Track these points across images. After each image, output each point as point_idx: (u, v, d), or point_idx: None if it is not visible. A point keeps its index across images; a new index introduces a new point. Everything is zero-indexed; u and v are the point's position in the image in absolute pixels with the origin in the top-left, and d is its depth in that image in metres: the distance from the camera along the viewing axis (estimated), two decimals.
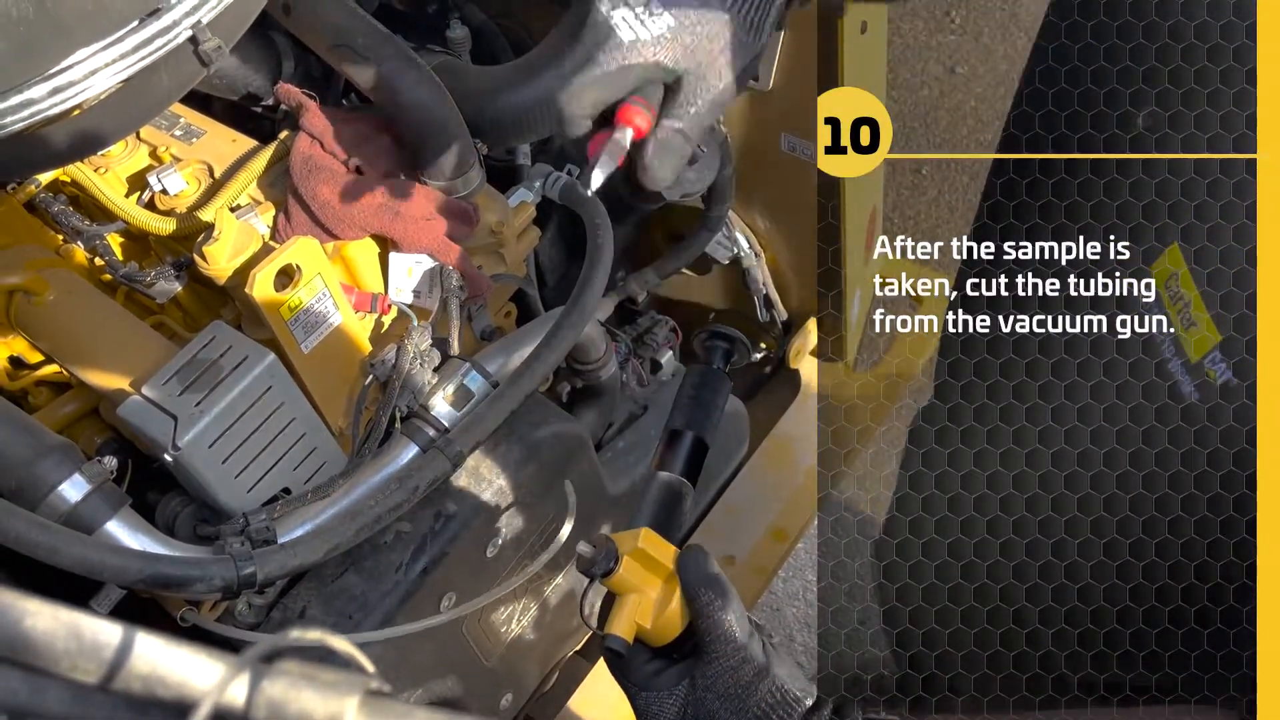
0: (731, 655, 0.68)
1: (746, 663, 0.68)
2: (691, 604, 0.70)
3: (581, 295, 1.03)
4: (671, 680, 0.69)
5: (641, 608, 0.72)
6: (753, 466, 1.53)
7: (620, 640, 0.71)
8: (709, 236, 1.48)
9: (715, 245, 1.52)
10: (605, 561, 0.72)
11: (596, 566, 0.72)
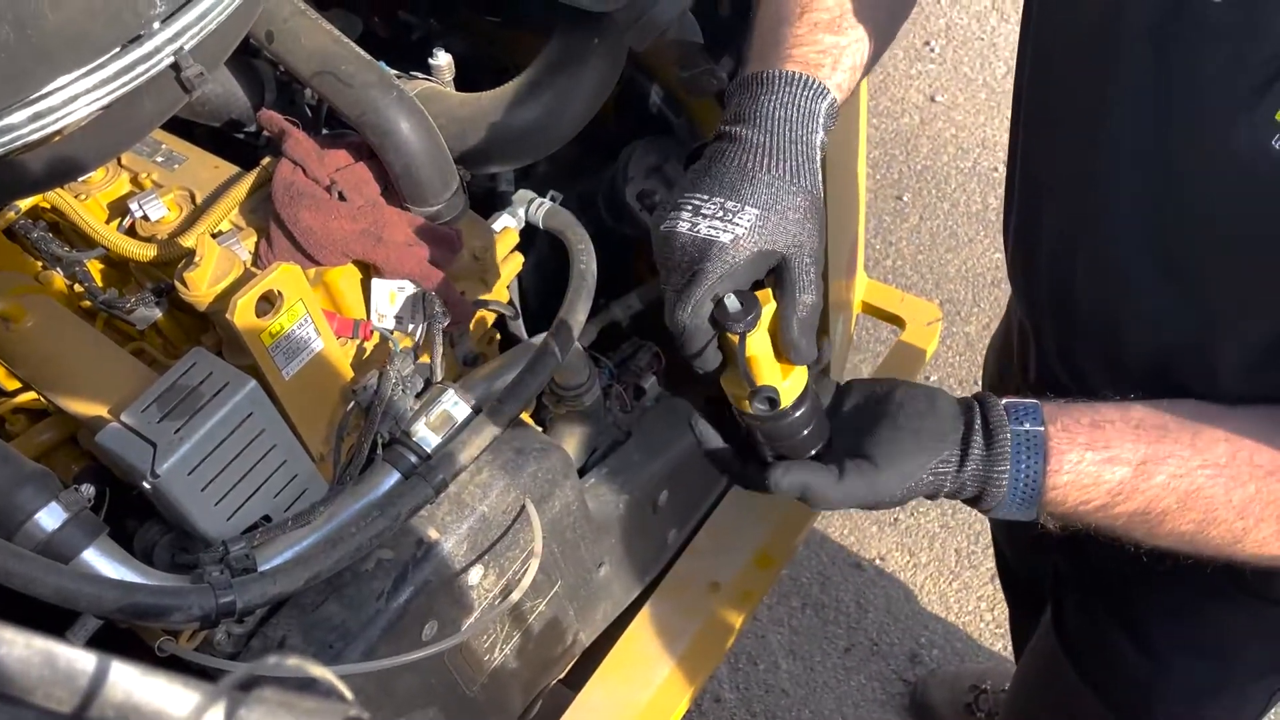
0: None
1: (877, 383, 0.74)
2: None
3: (564, 321, 1.03)
4: (813, 414, 0.72)
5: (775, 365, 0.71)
6: (737, 492, 1.53)
7: (774, 389, 0.70)
8: None
9: None
10: (751, 322, 0.68)
11: (740, 323, 0.68)
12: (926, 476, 0.70)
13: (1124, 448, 0.70)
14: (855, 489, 0.70)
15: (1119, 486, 0.70)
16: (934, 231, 2.70)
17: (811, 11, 0.77)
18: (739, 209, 0.68)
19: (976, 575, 2.16)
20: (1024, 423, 0.71)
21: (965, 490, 0.71)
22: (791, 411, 0.71)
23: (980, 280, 2.60)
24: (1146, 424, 0.71)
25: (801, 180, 0.70)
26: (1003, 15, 3.11)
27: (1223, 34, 0.66)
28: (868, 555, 2.21)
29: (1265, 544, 0.70)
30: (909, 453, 0.70)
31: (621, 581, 1.35)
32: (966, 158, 2.83)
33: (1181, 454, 0.70)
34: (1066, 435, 0.70)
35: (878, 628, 2.12)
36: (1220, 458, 0.69)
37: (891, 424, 0.71)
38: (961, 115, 2.92)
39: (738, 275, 0.67)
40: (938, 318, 1.84)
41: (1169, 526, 0.71)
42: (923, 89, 3.00)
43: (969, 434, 0.70)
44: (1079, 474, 0.70)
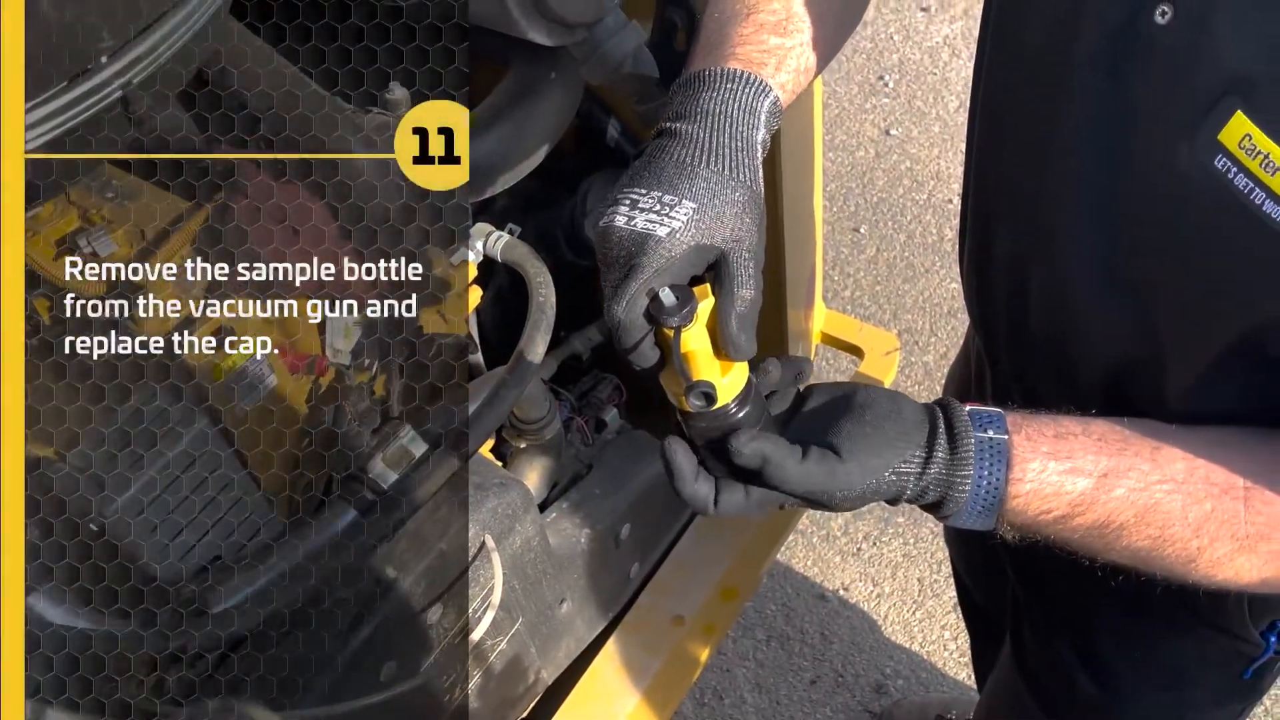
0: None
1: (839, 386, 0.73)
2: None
3: (524, 354, 1.02)
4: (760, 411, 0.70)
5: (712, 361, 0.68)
6: (701, 523, 1.53)
7: (709, 384, 0.67)
8: None
9: None
10: (686, 315, 0.66)
11: (674, 317, 0.66)
12: (889, 475, 0.68)
13: (1086, 459, 0.70)
14: (815, 474, 0.67)
15: (1080, 497, 0.69)
16: (891, 262, 2.73)
17: (758, 13, 0.77)
18: (676, 203, 0.67)
19: (940, 604, 2.17)
20: (987, 430, 0.70)
21: (927, 495, 0.70)
22: (732, 410, 0.68)
23: (937, 310, 2.63)
24: (1108, 437, 0.71)
25: (741, 175, 0.69)
26: (954, 51, 3.17)
27: (1169, 57, 0.68)
28: (831, 586, 2.21)
29: (1219, 564, 0.70)
30: (875, 449, 0.68)
31: (584, 618, 1.34)
32: (921, 190, 2.87)
33: (1141, 468, 0.70)
34: (1030, 444, 0.70)
35: (843, 659, 2.12)
36: (1179, 474, 0.70)
37: (857, 420, 0.69)
38: (916, 148, 2.96)
39: (674, 269, 0.66)
40: (896, 347, 1.85)
41: (1126, 541, 0.70)
42: (877, 123, 3.04)
43: (933, 437, 0.69)
44: (1041, 483, 0.69)
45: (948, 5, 3.27)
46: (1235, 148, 0.64)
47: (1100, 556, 0.73)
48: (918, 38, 3.22)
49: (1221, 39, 0.65)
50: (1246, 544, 0.69)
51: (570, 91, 1.17)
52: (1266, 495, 0.69)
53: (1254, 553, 0.70)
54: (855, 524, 2.27)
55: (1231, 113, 0.64)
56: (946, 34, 3.20)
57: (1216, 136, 0.65)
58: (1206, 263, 0.70)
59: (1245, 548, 0.70)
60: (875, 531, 2.26)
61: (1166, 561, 0.71)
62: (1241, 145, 0.64)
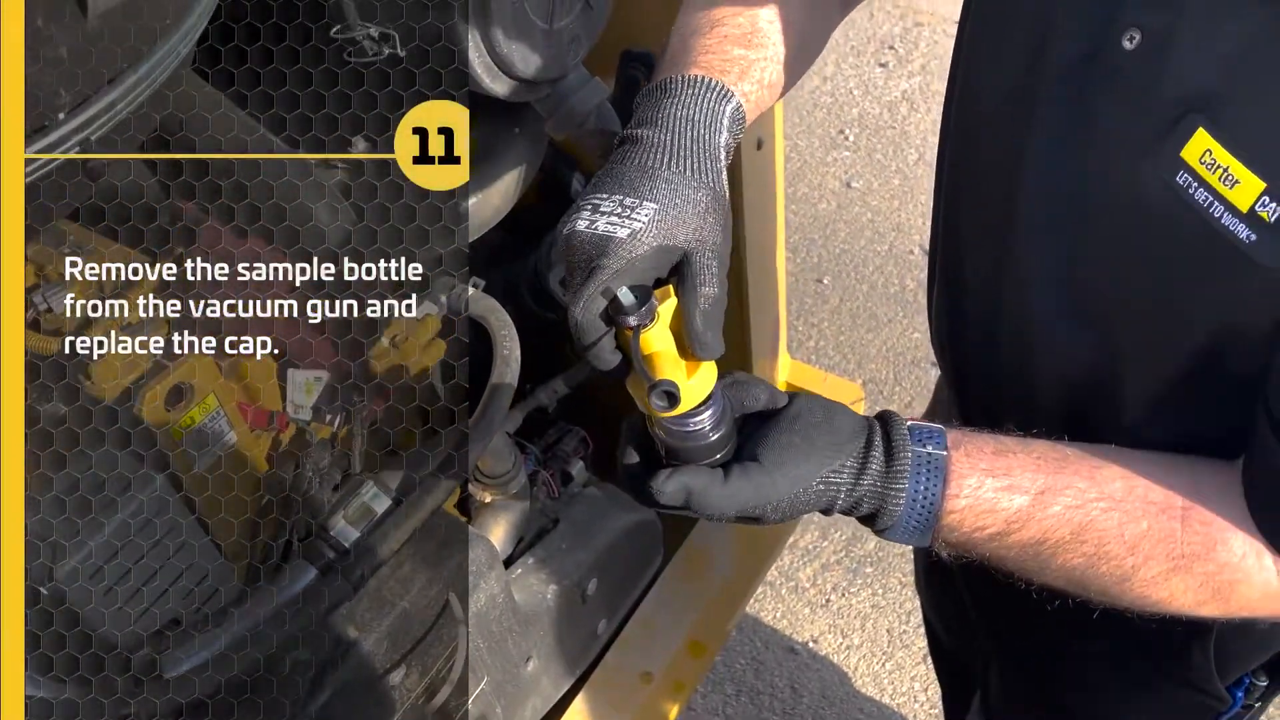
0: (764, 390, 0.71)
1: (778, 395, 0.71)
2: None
3: (488, 407, 1.01)
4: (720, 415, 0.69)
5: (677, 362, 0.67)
6: (667, 578, 1.51)
7: (673, 384, 0.65)
8: None
9: None
10: (645, 314, 0.65)
11: (632, 315, 0.65)
12: (818, 484, 0.67)
13: (1024, 476, 0.70)
14: (740, 492, 0.66)
15: (1016, 514, 0.69)
16: (854, 313, 2.76)
17: (722, 26, 0.78)
18: (637, 204, 0.67)
19: (909, 655, 2.16)
20: (926, 445, 0.69)
21: (861, 506, 0.69)
22: (698, 412, 0.67)
23: (901, 359, 2.65)
24: (1047, 455, 0.71)
25: (703, 177, 0.69)
26: (913, 105, 3.23)
27: (1133, 79, 0.69)
28: (800, 638, 2.20)
29: (1153, 583, 0.70)
30: (800, 458, 0.67)
31: (550, 675, 1.32)
32: (883, 241, 2.91)
33: (1079, 485, 0.70)
34: (968, 460, 0.69)
35: (813, 713, 2.10)
36: (1117, 492, 0.70)
37: (786, 430, 0.68)
38: (877, 200, 3.01)
39: (636, 270, 0.66)
40: (860, 397, 1.86)
41: (1061, 559, 0.70)
42: (839, 175, 3.09)
43: (869, 448, 0.69)
44: (978, 499, 0.69)
45: (906, 61, 3.34)
46: (1196, 163, 0.65)
47: (1036, 577, 0.73)
48: (877, 92, 3.28)
49: (1184, 59, 0.66)
50: (1182, 564, 0.69)
51: (534, 147, 1.17)
52: (1205, 515, 0.70)
53: (1189, 573, 0.70)
54: (824, 575, 2.27)
55: (1193, 130, 0.65)
56: (905, 89, 3.27)
57: (1179, 154, 0.66)
58: (1167, 280, 0.71)
59: (1180, 568, 0.69)
60: (844, 582, 2.26)
61: (1101, 580, 0.71)
62: (1202, 160, 0.65)
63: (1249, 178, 0.63)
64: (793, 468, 0.67)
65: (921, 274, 2.83)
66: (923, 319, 2.70)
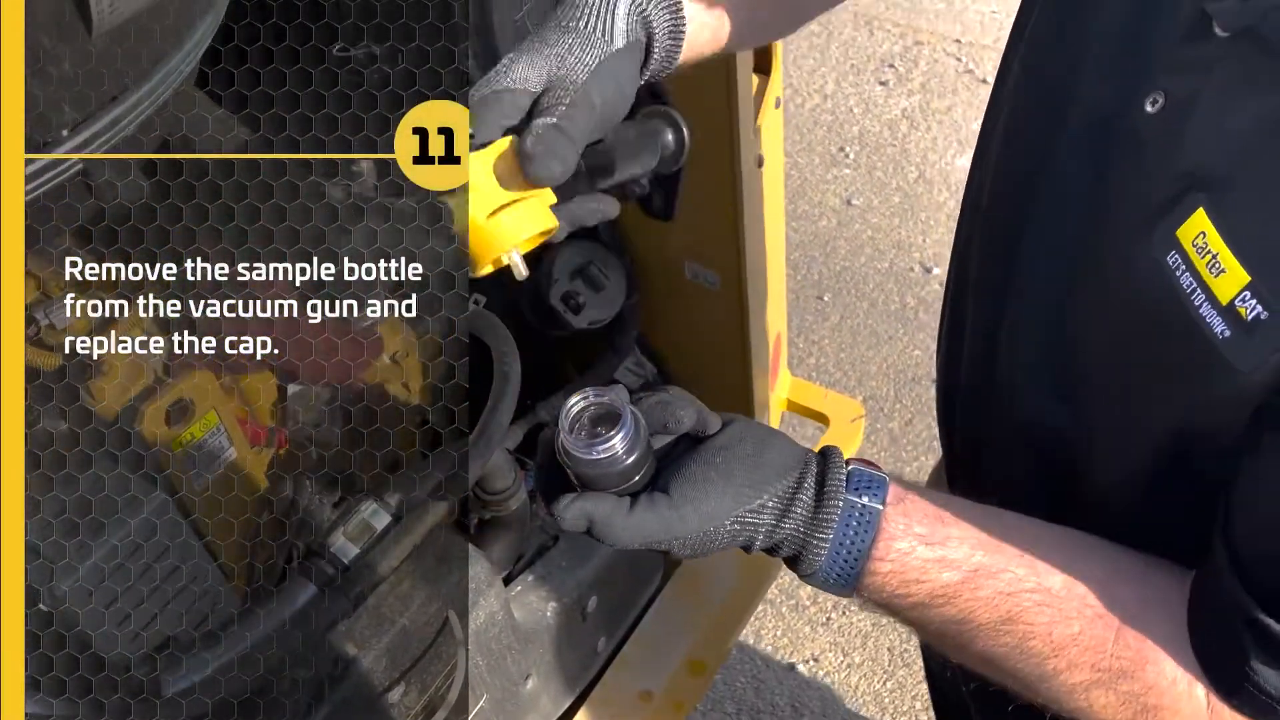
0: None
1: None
2: None
3: (488, 424, 1.01)
4: None
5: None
6: (667, 596, 1.51)
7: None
8: (617, 362, 1.48)
9: (624, 371, 1.53)
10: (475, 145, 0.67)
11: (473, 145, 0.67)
12: (731, 523, 0.64)
13: (960, 549, 0.66)
14: (644, 525, 0.63)
15: (942, 589, 0.66)
16: (855, 330, 2.76)
17: None
18: (507, 61, 0.69)
19: (910, 674, 2.15)
20: (863, 495, 0.65)
21: (782, 549, 0.66)
22: (608, 439, 0.63)
23: (901, 377, 2.65)
24: (991, 529, 0.67)
25: (581, 26, 0.70)
26: (913, 123, 3.24)
27: (1149, 145, 0.65)
28: (801, 656, 2.19)
29: (1071, 691, 0.66)
30: (714, 494, 0.63)
31: (550, 694, 1.31)
32: (883, 258, 2.91)
33: (1016, 571, 0.66)
34: (904, 521, 0.66)
35: None
36: (1055, 585, 0.66)
37: (704, 461, 0.64)
38: (877, 218, 3.01)
39: (489, 117, 0.68)
40: (861, 414, 1.86)
41: (981, 644, 0.67)
42: (839, 193, 3.10)
43: (797, 489, 0.65)
44: (905, 566, 0.65)
45: (906, 79, 3.35)
46: (1189, 245, 0.61)
47: (953, 655, 0.70)
48: (877, 110, 3.30)
49: (1199, 131, 0.62)
50: (1106, 678, 0.66)
51: None
52: (1142, 630, 0.65)
53: (1111, 689, 0.66)
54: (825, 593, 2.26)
55: (1194, 209, 0.61)
56: (905, 107, 3.28)
57: (1174, 231, 0.62)
58: (1141, 365, 0.68)
59: (1103, 682, 0.66)
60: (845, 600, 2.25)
61: (1019, 673, 0.67)
62: (1195, 242, 0.61)
63: (1235, 268, 0.59)
64: (703, 503, 0.63)
65: (921, 290, 2.83)
66: (923, 336, 2.71)
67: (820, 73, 3.42)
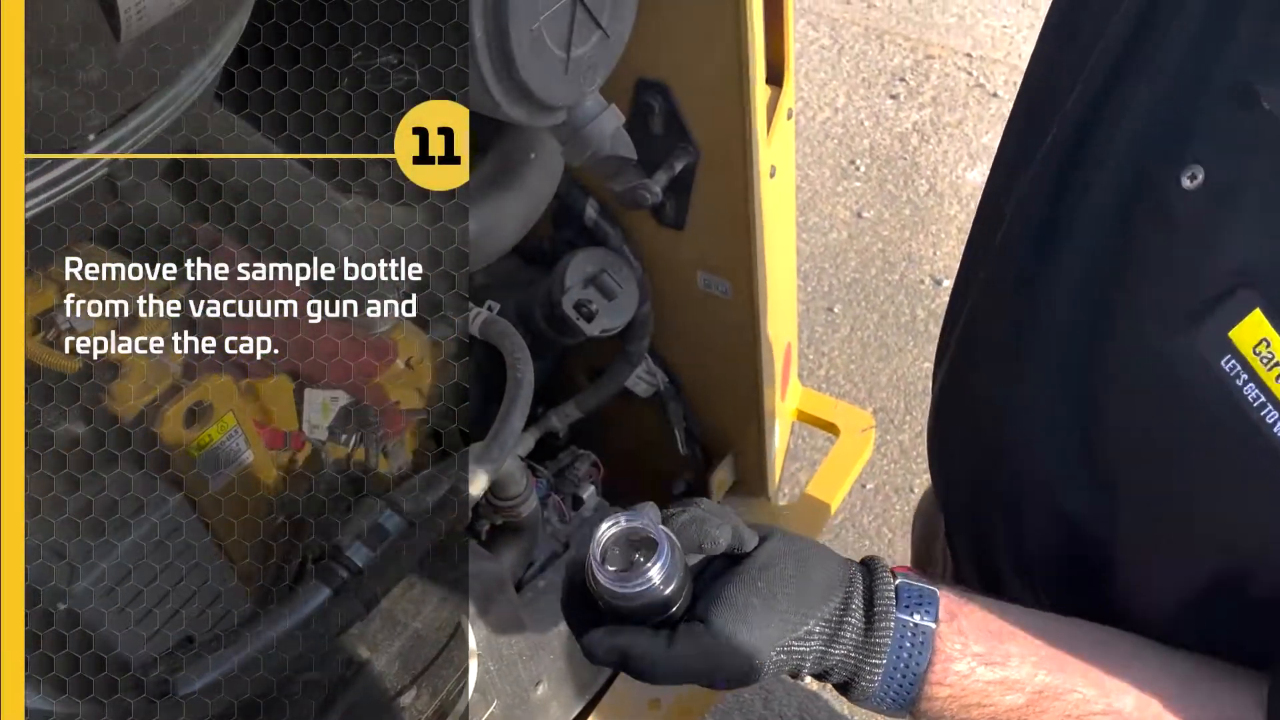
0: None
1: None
2: None
3: (500, 430, 1.02)
4: None
5: None
6: None
7: None
8: (629, 370, 1.49)
9: (636, 379, 1.53)
10: None
11: None
12: (777, 654, 0.59)
13: (1022, 669, 0.61)
14: (685, 659, 0.58)
15: (1006, 714, 0.61)
16: (865, 341, 2.76)
17: None
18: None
19: None
20: (914, 613, 0.61)
21: (832, 675, 0.62)
22: (644, 571, 0.58)
23: (911, 389, 2.65)
24: (1054, 642, 0.63)
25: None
26: (923, 136, 3.25)
27: (1185, 229, 0.60)
28: None
29: None
30: (756, 623, 0.58)
31: (560, 700, 1.31)
32: (894, 271, 2.91)
33: (1083, 691, 0.61)
34: (960, 640, 0.61)
35: None
36: (1125, 707, 0.61)
37: (744, 584, 0.60)
38: (887, 230, 3.02)
39: None
40: (871, 425, 1.86)
41: None
42: (849, 205, 3.10)
43: (845, 611, 0.60)
44: (964, 690, 0.61)
45: (916, 93, 3.36)
46: (1249, 351, 0.56)
47: None
48: (887, 123, 3.30)
49: (1248, 221, 0.56)
50: None
51: (549, 172, 1.19)
52: None
53: None
54: None
55: (1248, 309, 0.56)
56: (915, 120, 3.29)
57: (1227, 334, 0.56)
58: (1191, 476, 0.62)
59: None
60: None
61: None
62: (1256, 350, 0.55)
63: None
64: (747, 634, 0.58)
65: (931, 303, 2.83)
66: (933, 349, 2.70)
67: (831, 86, 3.43)
